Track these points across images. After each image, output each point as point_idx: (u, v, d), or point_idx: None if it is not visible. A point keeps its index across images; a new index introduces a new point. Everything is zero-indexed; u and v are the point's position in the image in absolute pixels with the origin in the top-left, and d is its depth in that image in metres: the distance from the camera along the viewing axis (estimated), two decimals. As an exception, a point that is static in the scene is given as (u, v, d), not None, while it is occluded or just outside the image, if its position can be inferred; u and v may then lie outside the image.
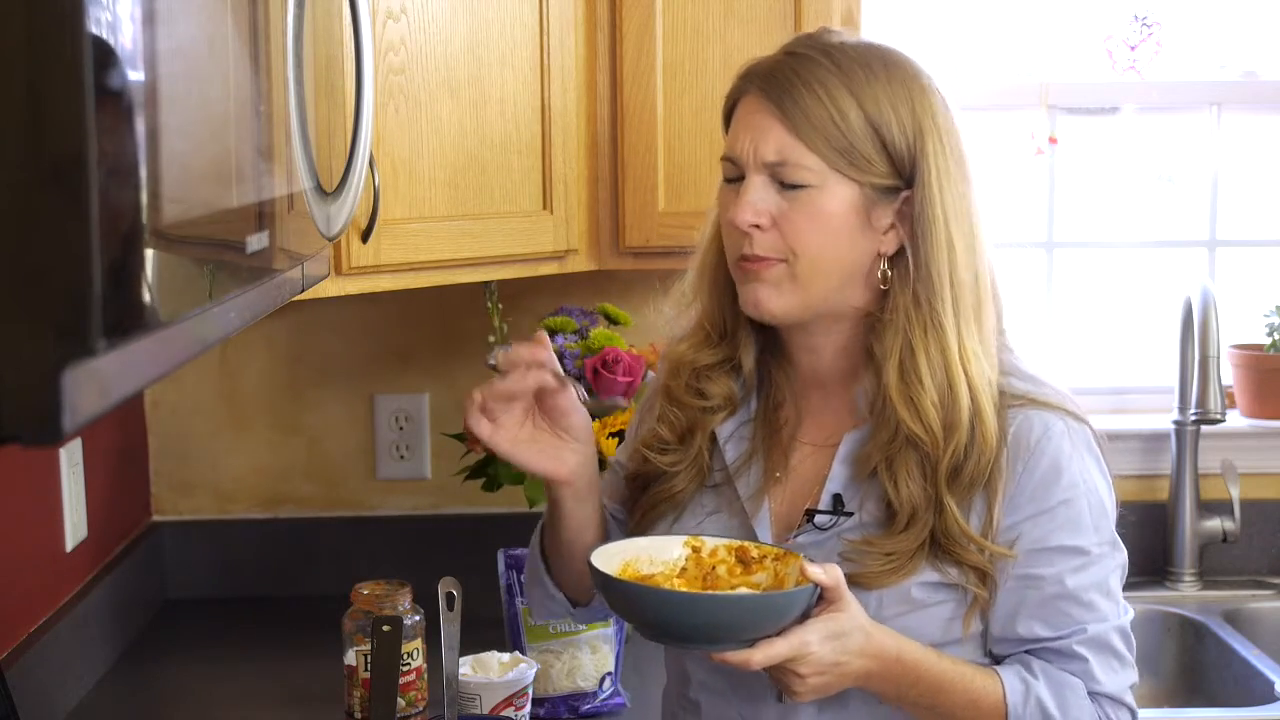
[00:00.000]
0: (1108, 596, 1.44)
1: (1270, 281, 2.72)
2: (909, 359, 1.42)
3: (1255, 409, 2.62)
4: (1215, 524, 2.56)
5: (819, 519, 1.45)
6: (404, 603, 1.93)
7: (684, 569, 1.43)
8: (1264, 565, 2.62)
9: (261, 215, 1.11)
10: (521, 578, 2.07)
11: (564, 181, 2.11)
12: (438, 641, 1.81)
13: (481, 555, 2.25)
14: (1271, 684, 2.21)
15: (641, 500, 1.55)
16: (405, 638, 1.86)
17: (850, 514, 1.44)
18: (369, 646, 1.81)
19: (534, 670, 1.92)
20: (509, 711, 1.88)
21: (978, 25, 2.68)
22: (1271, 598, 2.55)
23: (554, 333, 2.18)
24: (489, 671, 1.91)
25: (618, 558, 1.41)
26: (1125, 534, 1.51)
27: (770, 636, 1.31)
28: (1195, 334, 2.47)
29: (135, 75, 0.78)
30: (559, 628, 1.99)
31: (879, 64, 1.42)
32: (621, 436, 1.97)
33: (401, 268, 1.94)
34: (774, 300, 1.44)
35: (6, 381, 0.69)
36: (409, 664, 1.91)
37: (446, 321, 2.52)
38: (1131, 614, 1.47)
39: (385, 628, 1.77)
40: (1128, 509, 2.49)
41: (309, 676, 2.13)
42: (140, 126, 0.80)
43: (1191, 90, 2.69)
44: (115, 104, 0.75)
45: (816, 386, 1.52)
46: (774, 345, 1.54)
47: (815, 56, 1.42)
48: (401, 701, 1.86)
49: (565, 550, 1.53)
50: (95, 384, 0.73)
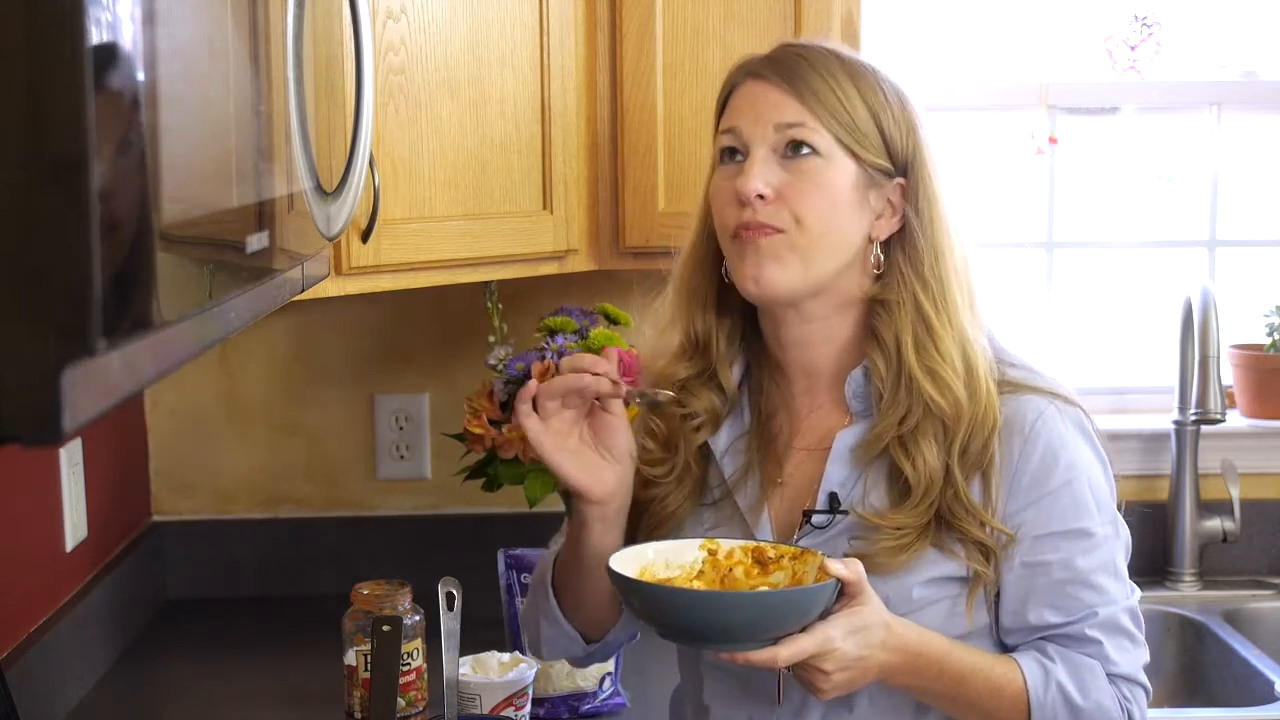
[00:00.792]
0: (1115, 577, 1.45)
1: (1270, 281, 2.72)
2: (925, 335, 1.44)
3: (1255, 409, 2.62)
4: (1215, 524, 2.56)
5: (816, 519, 1.46)
6: (404, 603, 1.93)
7: (701, 572, 1.43)
8: (1264, 565, 2.62)
9: (261, 215, 1.11)
10: (522, 578, 2.07)
11: (564, 181, 2.11)
12: (438, 641, 1.81)
13: (481, 555, 2.25)
14: (1271, 684, 2.21)
15: (640, 525, 1.55)
16: (405, 638, 1.86)
17: (845, 512, 1.45)
18: (369, 646, 1.81)
19: (534, 670, 1.92)
20: (509, 711, 1.88)
21: (978, 25, 2.68)
22: (1271, 598, 2.55)
23: (554, 333, 2.18)
24: (489, 671, 1.91)
25: (634, 563, 1.40)
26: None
27: (794, 634, 1.32)
28: (1195, 334, 2.47)
29: (135, 75, 0.78)
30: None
31: (867, 69, 1.48)
32: None
33: (401, 268, 1.94)
34: (775, 274, 1.44)
35: (6, 381, 0.69)
36: (409, 664, 1.91)
37: (446, 321, 2.52)
38: (1139, 593, 1.48)
39: (385, 628, 1.77)
40: (1127, 509, 2.52)
41: (309, 676, 2.13)
42: (140, 127, 0.80)
43: (1191, 90, 2.69)
44: (115, 104, 0.75)
45: (807, 392, 1.53)
46: (761, 355, 1.55)
47: (815, 48, 1.48)
48: (401, 701, 1.86)
49: (584, 578, 1.51)
50: (95, 384, 0.73)
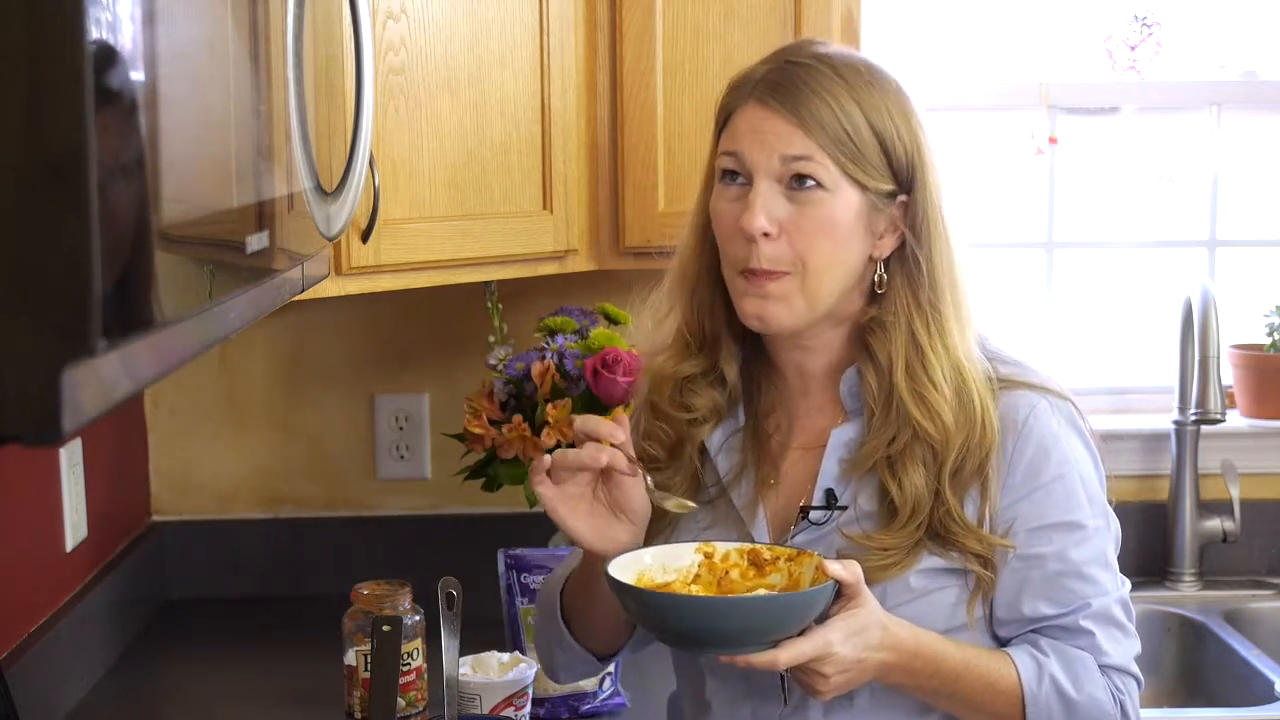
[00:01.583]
0: (1107, 569, 1.46)
1: (1270, 281, 2.72)
2: (916, 358, 1.43)
3: (1255, 409, 2.62)
4: (1215, 524, 2.56)
5: (814, 514, 1.46)
6: (404, 603, 1.93)
7: (698, 575, 1.43)
8: (1264, 565, 2.62)
9: (261, 215, 1.11)
10: (522, 578, 2.07)
11: (564, 181, 2.11)
12: (438, 641, 1.81)
13: (481, 555, 2.25)
14: (1271, 684, 2.21)
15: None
16: (405, 638, 1.86)
17: (844, 508, 1.45)
18: (369, 646, 1.81)
19: (534, 670, 1.92)
20: (509, 711, 1.88)
21: (978, 25, 2.68)
22: (1271, 598, 2.55)
23: (554, 333, 2.18)
24: (489, 671, 1.91)
25: (632, 569, 1.40)
26: (1125, 534, 1.52)
27: (793, 637, 1.32)
28: (1195, 334, 2.47)
29: (135, 75, 0.78)
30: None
31: (870, 74, 1.45)
32: None
33: (401, 268, 1.94)
34: (781, 315, 1.44)
35: (7, 381, 0.69)
36: (409, 664, 1.91)
37: (446, 321, 2.51)
38: (1128, 585, 1.49)
39: (385, 628, 1.77)
40: (1128, 509, 2.52)
41: (309, 676, 2.12)
42: (140, 127, 0.80)
43: (1191, 90, 2.69)
44: (115, 104, 0.75)
45: (802, 393, 1.53)
46: (758, 353, 1.55)
47: (815, 65, 1.43)
48: (401, 701, 1.86)
49: (595, 611, 1.52)
50: (95, 384, 0.73)
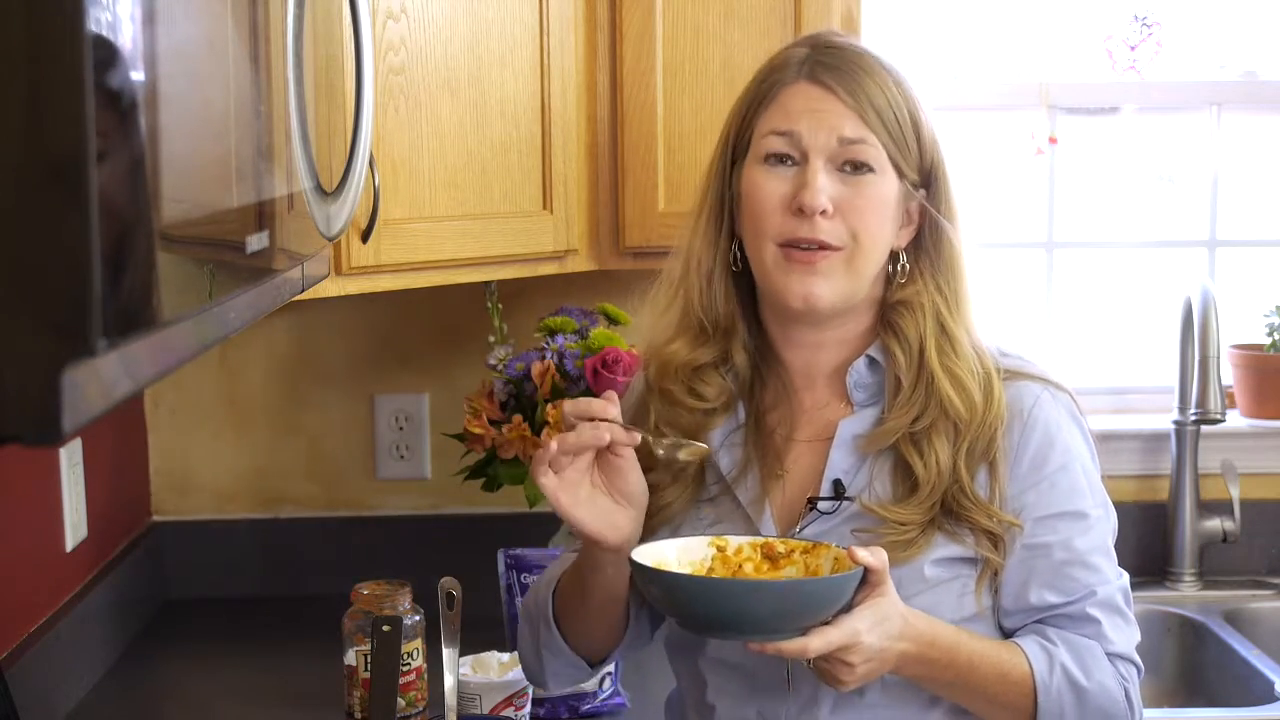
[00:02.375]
0: (1108, 557, 1.48)
1: (1270, 281, 2.72)
2: (943, 339, 1.46)
3: (1255, 409, 2.62)
4: (1215, 524, 2.56)
5: (822, 504, 1.46)
6: (404, 603, 1.93)
7: (711, 569, 1.43)
8: (1264, 565, 2.62)
9: (261, 215, 1.11)
10: (522, 578, 2.07)
11: (564, 181, 2.11)
12: (438, 641, 1.81)
13: (481, 555, 2.25)
14: (1271, 684, 2.21)
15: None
16: (405, 638, 1.86)
17: (851, 499, 1.46)
18: (369, 646, 1.81)
19: (534, 670, 1.92)
20: (509, 711, 1.88)
21: (978, 25, 2.68)
22: (1271, 598, 2.55)
23: (554, 333, 2.18)
24: (489, 671, 1.91)
25: (651, 559, 1.40)
26: (1125, 534, 1.53)
27: (820, 625, 1.32)
28: (1195, 334, 2.47)
29: (135, 75, 0.78)
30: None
31: (890, 64, 1.48)
32: None
33: (401, 268, 1.94)
34: (825, 291, 1.45)
35: (6, 381, 0.69)
36: (409, 664, 1.91)
37: (446, 321, 2.51)
38: (1127, 575, 1.51)
39: (385, 628, 1.77)
40: (1128, 509, 2.52)
41: (309, 676, 2.12)
42: (140, 126, 0.80)
43: (1191, 90, 2.69)
44: (115, 104, 0.75)
45: (807, 388, 1.53)
46: (762, 348, 1.55)
47: (856, 49, 1.47)
48: (401, 701, 1.86)
49: (590, 612, 1.52)
50: (95, 384, 0.73)
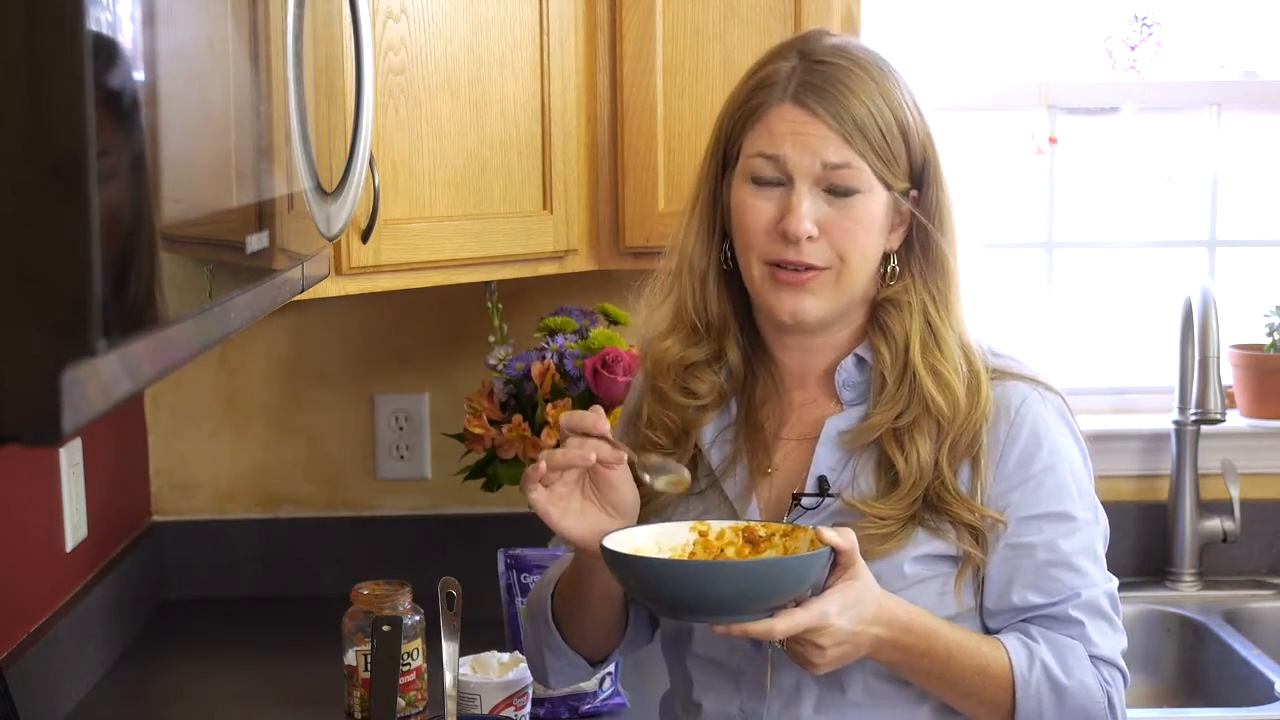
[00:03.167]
0: (1095, 562, 1.48)
1: (1270, 281, 2.72)
2: (930, 338, 1.47)
3: (1255, 409, 2.62)
4: (1215, 524, 2.56)
5: (806, 500, 1.47)
6: (404, 603, 1.93)
7: (692, 553, 1.44)
8: (1264, 565, 2.62)
9: (261, 215, 1.11)
10: (522, 578, 2.07)
11: (564, 181, 2.11)
12: (438, 641, 1.81)
13: (481, 555, 2.25)
14: (1271, 684, 2.21)
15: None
16: (405, 638, 1.86)
17: (835, 495, 1.46)
18: (369, 646, 1.81)
19: (534, 670, 1.92)
20: (509, 711, 1.88)
21: (978, 25, 2.68)
22: (1271, 598, 2.55)
23: (554, 333, 2.18)
24: (489, 671, 1.91)
25: (627, 545, 1.41)
26: (1125, 534, 1.52)
27: (789, 607, 1.32)
28: (1195, 334, 2.47)
29: (135, 75, 0.78)
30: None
31: (883, 66, 1.47)
32: None
33: (401, 268, 1.94)
34: (812, 308, 1.46)
35: (6, 381, 0.69)
36: (409, 664, 1.91)
37: (446, 321, 2.52)
38: (1116, 581, 1.51)
39: (385, 628, 1.77)
40: (1128, 509, 2.52)
41: (309, 676, 2.13)
42: (140, 126, 0.80)
43: (1191, 90, 2.69)
44: (115, 104, 0.75)
45: (798, 386, 1.54)
46: (756, 345, 1.55)
47: (842, 63, 1.44)
48: (401, 701, 1.86)
49: (588, 613, 1.53)
50: (95, 384, 0.73)
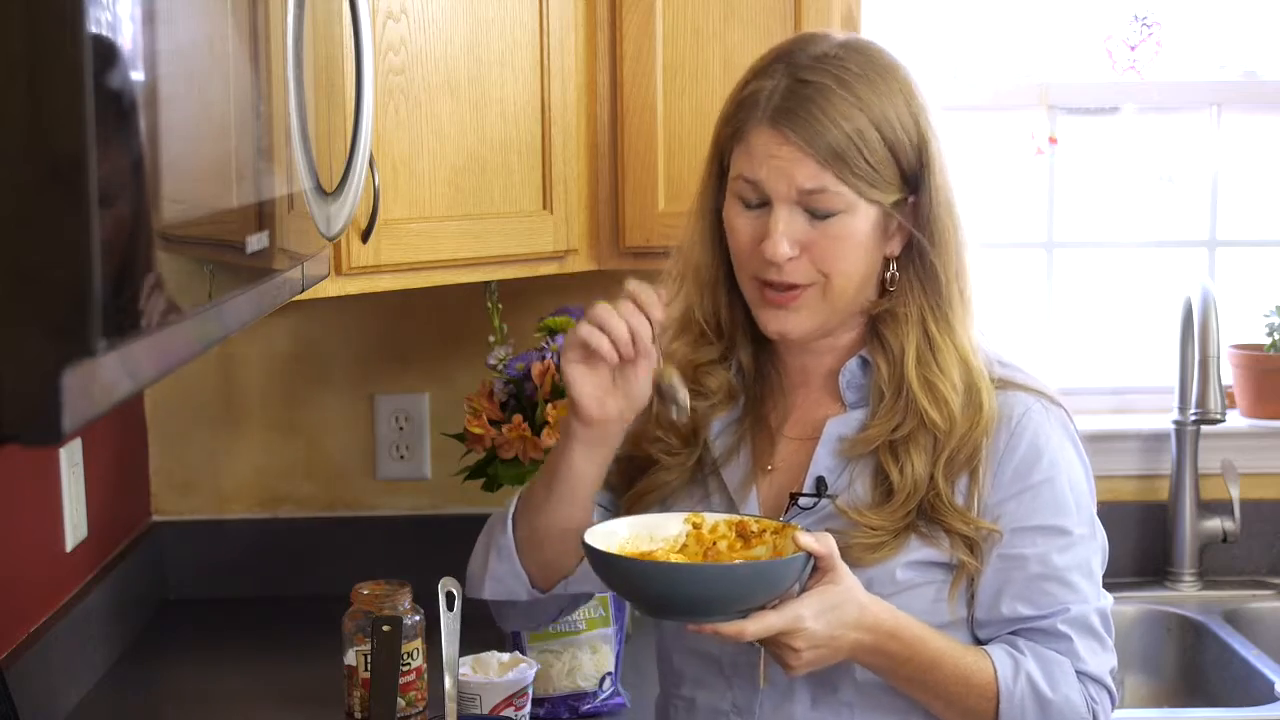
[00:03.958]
0: (1089, 578, 1.47)
1: (1270, 281, 2.72)
2: (927, 348, 1.45)
3: (1255, 409, 2.62)
4: (1215, 524, 2.56)
5: (803, 500, 1.47)
6: (404, 603, 1.93)
7: (685, 545, 1.45)
8: (1264, 565, 2.62)
9: (261, 215, 1.11)
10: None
11: (564, 181, 2.11)
12: (438, 641, 1.81)
13: (481, 555, 2.25)
14: (1271, 684, 2.21)
15: (633, 484, 1.56)
16: (405, 638, 1.86)
17: (833, 496, 1.46)
18: (369, 646, 1.81)
19: (534, 670, 1.92)
20: (509, 711, 1.88)
21: (978, 25, 2.68)
22: (1271, 598, 2.55)
23: (554, 333, 2.18)
24: (489, 671, 1.91)
25: (620, 534, 1.42)
26: (1125, 534, 1.52)
27: (764, 610, 1.32)
28: (1195, 334, 2.47)
29: (135, 75, 0.78)
30: (558, 628, 1.99)
31: (875, 73, 1.43)
32: None
33: (401, 268, 1.94)
34: (799, 324, 1.46)
35: (6, 381, 0.69)
36: (409, 664, 1.91)
37: (446, 321, 2.52)
38: (1110, 600, 1.50)
39: (385, 628, 1.77)
40: (1128, 509, 2.52)
41: (309, 676, 2.12)
42: (140, 127, 0.80)
43: (1191, 90, 2.69)
44: (115, 104, 0.75)
45: (803, 385, 1.55)
46: (764, 345, 1.56)
47: (824, 82, 1.41)
48: (401, 701, 1.86)
49: (549, 507, 1.47)
50: (95, 384, 0.73)
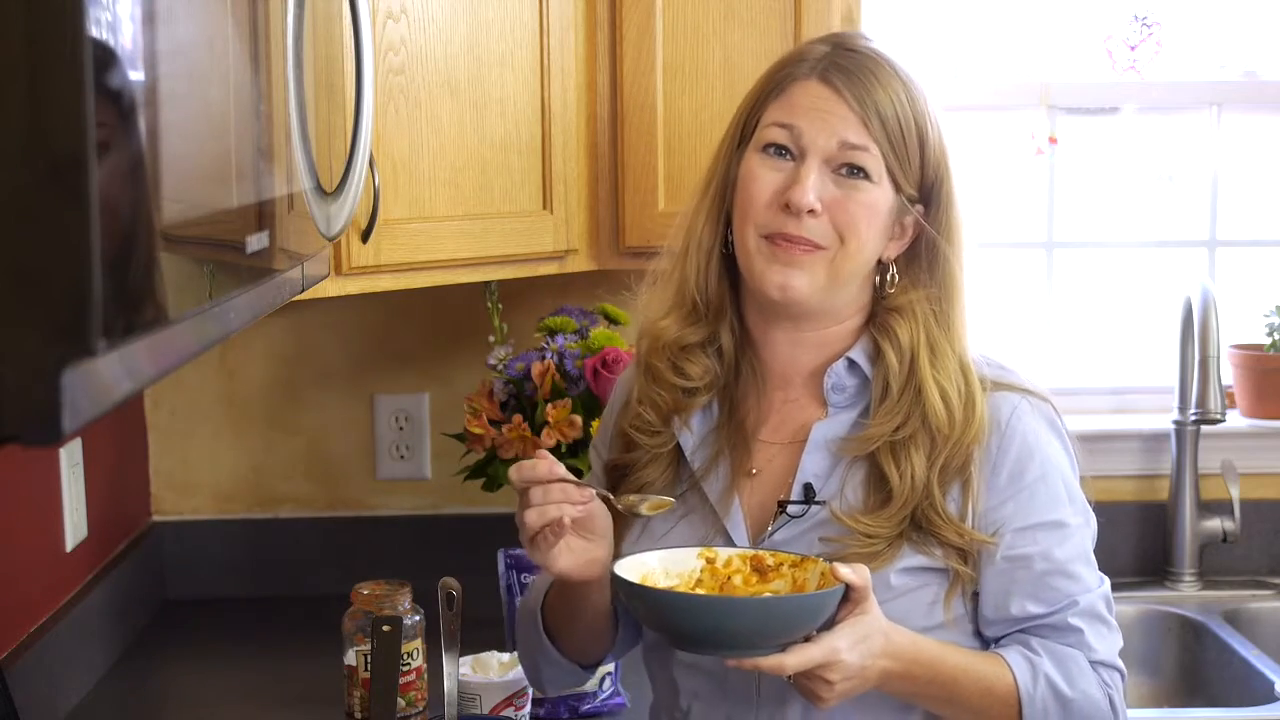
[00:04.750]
0: (1089, 565, 1.49)
1: (1270, 281, 2.72)
2: (928, 354, 1.46)
3: (1255, 409, 2.62)
4: (1215, 524, 2.56)
5: (792, 509, 1.46)
6: (404, 603, 1.93)
7: (700, 580, 1.43)
8: (1264, 565, 2.62)
9: (261, 215, 1.11)
10: (522, 578, 2.07)
11: (564, 181, 2.11)
12: (438, 641, 1.81)
13: (481, 555, 2.25)
14: (1271, 684, 2.21)
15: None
16: (405, 638, 1.86)
17: (822, 503, 1.46)
18: (369, 646, 1.81)
19: (534, 670, 1.92)
20: (509, 711, 1.88)
21: (978, 25, 2.68)
22: (1271, 598, 2.55)
23: (554, 333, 2.18)
24: (489, 671, 1.91)
25: (635, 573, 1.40)
26: (1125, 534, 1.52)
27: (800, 642, 1.32)
28: (1195, 334, 2.47)
29: (135, 75, 0.78)
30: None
31: (914, 79, 1.47)
32: None
33: (401, 268, 1.94)
34: (803, 285, 1.45)
35: (6, 381, 0.69)
36: (409, 664, 1.91)
37: (446, 321, 2.52)
38: (1108, 581, 1.51)
39: (385, 628, 1.77)
40: (1127, 509, 2.52)
41: (309, 676, 2.12)
42: (140, 126, 0.80)
43: (1191, 90, 2.69)
44: (115, 104, 0.75)
45: (781, 386, 1.53)
46: (743, 338, 1.55)
47: (875, 56, 1.46)
48: (401, 701, 1.86)
49: (581, 628, 1.53)
50: (95, 384, 0.73)
